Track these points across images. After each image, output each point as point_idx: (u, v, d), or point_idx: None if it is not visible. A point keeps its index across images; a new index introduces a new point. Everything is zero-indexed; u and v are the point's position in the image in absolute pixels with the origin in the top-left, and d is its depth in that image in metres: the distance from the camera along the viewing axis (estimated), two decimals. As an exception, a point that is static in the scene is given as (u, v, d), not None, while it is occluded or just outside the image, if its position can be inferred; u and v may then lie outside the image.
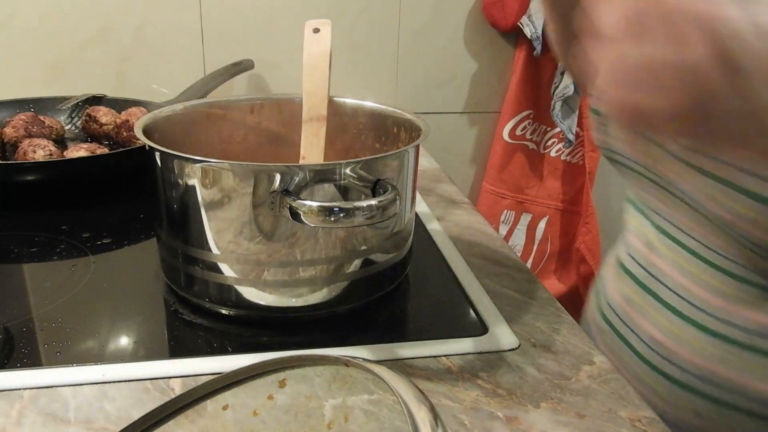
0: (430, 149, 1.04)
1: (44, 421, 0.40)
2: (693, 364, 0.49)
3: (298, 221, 0.43)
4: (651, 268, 0.54)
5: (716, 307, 0.48)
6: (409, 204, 0.53)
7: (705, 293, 0.49)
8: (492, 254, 0.64)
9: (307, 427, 0.35)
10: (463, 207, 0.78)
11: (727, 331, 0.48)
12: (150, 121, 0.54)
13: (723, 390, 0.48)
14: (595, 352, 0.49)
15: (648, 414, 0.42)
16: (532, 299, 0.56)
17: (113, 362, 0.45)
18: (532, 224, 1.26)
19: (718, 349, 0.48)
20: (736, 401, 0.48)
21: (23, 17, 1.02)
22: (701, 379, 0.49)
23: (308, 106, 0.58)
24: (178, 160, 0.47)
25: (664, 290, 0.52)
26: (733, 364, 0.48)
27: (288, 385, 0.36)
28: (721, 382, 0.48)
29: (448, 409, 0.42)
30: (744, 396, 0.47)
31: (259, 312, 0.50)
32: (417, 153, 0.52)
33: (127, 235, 0.66)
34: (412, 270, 0.58)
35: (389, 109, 0.61)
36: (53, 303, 0.53)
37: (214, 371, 0.44)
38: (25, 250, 0.62)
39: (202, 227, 0.48)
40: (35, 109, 0.92)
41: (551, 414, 0.42)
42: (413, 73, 1.18)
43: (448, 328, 0.51)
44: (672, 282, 0.52)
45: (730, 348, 0.48)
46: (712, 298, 0.49)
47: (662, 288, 0.53)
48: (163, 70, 1.09)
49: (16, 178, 0.71)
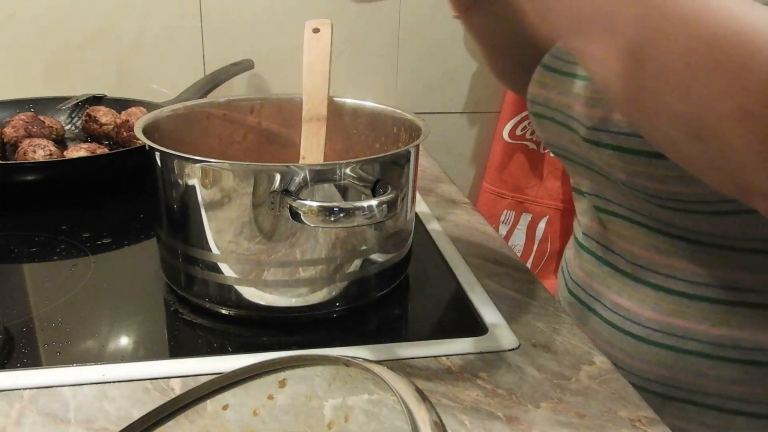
0: (430, 149, 1.04)
1: (44, 421, 0.40)
2: (652, 319, 0.54)
3: (298, 221, 0.43)
4: (603, 241, 0.59)
5: (660, 264, 0.53)
6: (409, 204, 0.53)
7: (648, 253, 0.54)
8: (492, 254, 0.64)
9: (307, 427, 0.35)
10: (463, 207, 0.78)
11: (674, 285, 0.53)
12: (150, 121, 0.54)
13: (682, 339, 0.53)
14: (595, 352, 0.49)
15: (648, 414, 0.42)
16: (532, 299, 0.56)
17: (113, 362, 0.45)
18: (532, 224, 1.26)
19: (671, 303, 0.53)
20: (694, 347, 0.52)
21: (23, 17, 1.02)
22: (661, 332, 0.54)
23: (308, 106, 0.58)
24: (178, 160, 0.47)
25: (617, 258, 0.58)
26: (687, 314, 0.52)
27: (288, 385, 0.36)
28: (679, 333, 0.53)
29: (448, 409, 0.42)
30: (700, 341, 0.52)
31: (259, 312, 0.50)
32: (417, 153, 0.52)
33: (127, 235, 0.66)
34: (412, 270, 0.58)
35: (389, 109, 0.61)
36: (53, 303, 0.53)
37: (214, 371, 0.44)
38: (25, 250, 0.63)
39: (202, 227, 0.48)
40: (35, 109, 0.92)
41: (551, 414, 0.42)
42: (413, 73, 1.18)
43: (448, 328, 0.51)
44: (620, 249, 0.57)
45: (680, 300, 0.53)
46: (655, 257, 0.54)
47: (614, 256, 0.58)
48: (163, 70, 1.09)
49: (16, 178, 0.71)
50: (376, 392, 0.34)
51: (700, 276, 0.52)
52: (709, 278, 0.51)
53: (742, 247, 0.49)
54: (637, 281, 0.56)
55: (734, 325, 0.51)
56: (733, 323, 0.51)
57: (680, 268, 0.52)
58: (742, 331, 0.51)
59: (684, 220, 0.50)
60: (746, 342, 0.51)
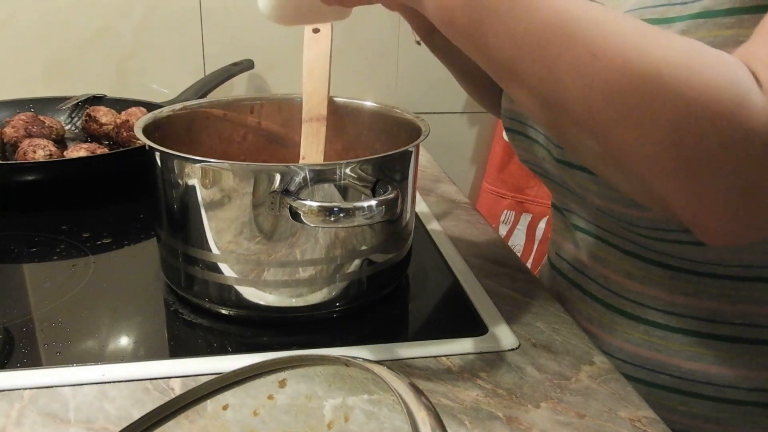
0: (430, 149, 1.04)
1: (44, 421, 0.40)
2: (622, 350, 0.53)
3: (298, 221, 0.43)
4: (575, 263, 0.58)
5: (633, 291, 0.52)
6: (409, 204, 0.53)
7: (621, 278, 0.53)
8: (492, 254, 0.64)
9: (307, 427, 0.35)
10: (463, 207, 0.78)
11: (646, 314, 0.51)
12: (150, 121, 0.54)
13: (652, 372, 0.51)
14: (595, 352, 0.49)
15: (648, 414, 0.42)
16: (532, 299, 0.56)
17: (113, 362, 0.45)
18: (532, 224, 1.26)
19: (642, 333, 0.52)
20: (664, 381, 0.51)
21: (23, 17, 1.02)
22: (630, 363, 0.52)
23: (308, 106, 0.58)
24: (178, 160, 0.47)
25: (589, 282, 0.56)
26: (659, 346, 0.51)
27: (288, 385, 0.36)
28: (649, 365, 0.51)
29: (448, 409, 0.42)
30: (671, 375, 0.50)
31: (259, 312, 0.50)
32: (417, 153, 0.52)
33: (127, 235, 0.66)
34: (412, 270, 0.58)
35: (389, 109, 0.61)
36: (53, 303, 0.53)
37: (214, 371, 0.44)
38: (25, 250, 0.62)
39: (202, 227, 0.48)
40: (35, 109, 0.92)
41: (551, 414, 0.42)
42: (413, 73, 1.18)
43: (448, 328, 0.51)
44: (593, 272, 0.56)
45: (652, 330, 0.51)
46: (628, 282, 0.52)
47: (586, 279, 0.56)
48: (163, 70, 1.09)
49: (16, 178, 0.71)
50: (376, 392, 0.34)
51: (674, 305, 0.50)
52: (684, 308, 0.49)
53: (725, 273, 0.47)
54: (607, 308, 0.54)
55: (709, 359, 0.49)
56: (707, 357, 0.49)
57: (654, 295, 0.50)
58: (716, 365, 0.49)
59: (662, 245, 0.48)
60: (720, 378, 0.49)
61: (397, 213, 0.47)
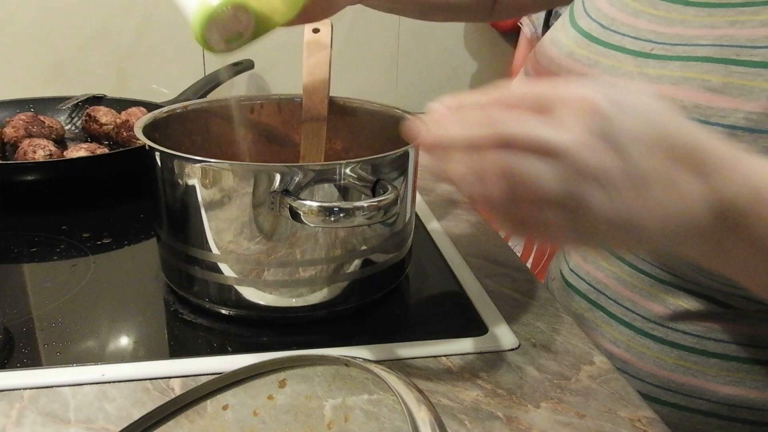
0: (430, 149, 1.04)
1: (44, 421, 0.40)
2: (653, 375, 0.50)
3: (298, 221, 0.43)
4: (595, 283, 0.55)
5: (665, 317, 0.49)
6: (409, 204, 0.53)
7: (652, 304, 0.50)
8: (492, 254, 0.64)
9: (307, 427, 0.35)
10: (463, 207, 0.78)
11: (681, 339, 0.49)
12: (150, 121, 0.54)
13: (687, 397, 0.49)
14: (595, 352, 0.49)
15: (648, 414, 0.42)
16: (532, 299, 0.56)
17: (113, 362, 0.45)
18: (532, 224, 1.26)
19: (676, 358, 0.49)
20: (701, 406, 0.48)
21: (23, 17, 1.02)
22: (662, 388, 0.50)
23: (308, 106, 0.58)
24: (178, 160, 0.47)
25: (612, 304, 0.53)
26: (694, 372, 0.48)
27: (288, 385, 0.36)
28: (683, 390, 0.49)
29: (448, 409, 0.42)
30: (708, 401, 0.48)
31: (259, 312, 0.50)
32: (417, 153, 0.52)
33: (127, 235, 0.66)
34: (412, 270, 0.58)
35: (389, 109, 0.61)
36: (53, 303, 0.53)
37: (214, 371, 0.43)
38: (25, 250, 0.62)
39: (202, 227, 0.48)
40: (35, 109, 0.91)
41: (551, 414, 0.42)
42: (413, 73, 1.18)
43: (448, 328, 0.51)
44: (618, 296, 0.53)
45: (687, 355, 0.48)
46: (661, 309, 0.49)
47: (609, 302, 0.53)
48: (163, 70, 1.09)
49: (16, 178, 0.71)
50: (376, 392, 0.34)
51: (712, 331, 0.47)
52: (722, 333, 0.47)
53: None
54: (636, 331, 0.51)
55: (749, 384, 0.47)
56: (747, 382, 0.47)
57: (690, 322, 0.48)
58: (757, 390, 0.47)
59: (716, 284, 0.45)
60: (762, 403, 0.47)
61: (396, 213, 0.47)
